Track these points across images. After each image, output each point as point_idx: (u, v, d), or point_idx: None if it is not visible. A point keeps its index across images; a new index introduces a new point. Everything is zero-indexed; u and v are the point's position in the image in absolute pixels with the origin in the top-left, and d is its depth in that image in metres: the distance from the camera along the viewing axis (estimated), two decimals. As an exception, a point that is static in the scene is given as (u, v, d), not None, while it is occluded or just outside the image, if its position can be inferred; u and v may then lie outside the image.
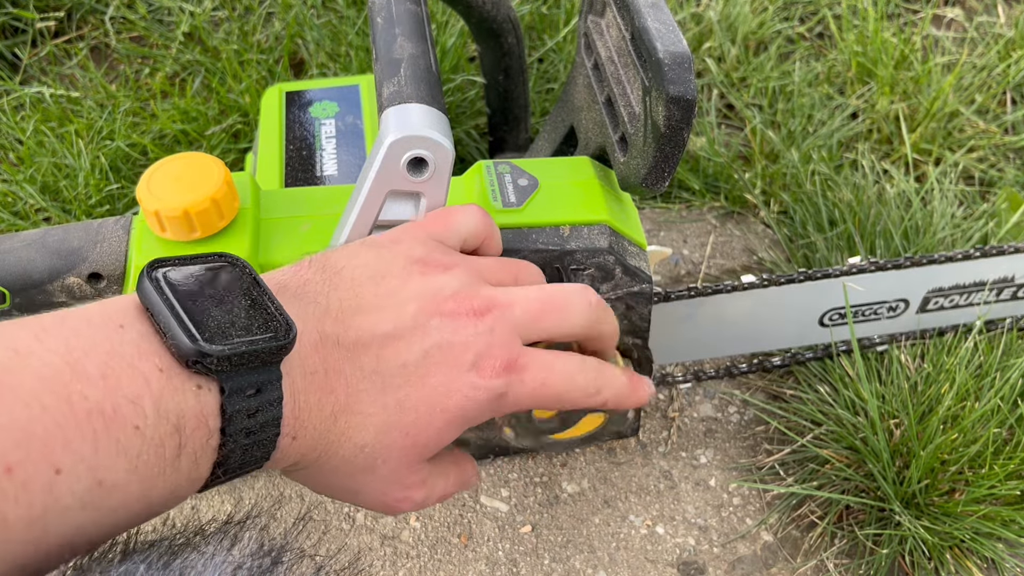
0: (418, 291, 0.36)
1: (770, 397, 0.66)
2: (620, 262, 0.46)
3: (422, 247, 0.38)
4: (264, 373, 0.29)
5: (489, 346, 0.36)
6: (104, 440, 0.25)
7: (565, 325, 0.39)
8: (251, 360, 0.29)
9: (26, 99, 0.82)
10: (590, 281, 0.47)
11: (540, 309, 0.38)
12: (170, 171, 0.42)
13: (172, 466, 0.27)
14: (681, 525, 0.59)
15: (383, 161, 0.38)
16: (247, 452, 0.30)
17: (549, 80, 0.85)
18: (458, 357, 0.35)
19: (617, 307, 0.49)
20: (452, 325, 0.35)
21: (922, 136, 0.82)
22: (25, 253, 0.44)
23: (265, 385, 0.29)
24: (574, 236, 0.46)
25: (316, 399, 0.32)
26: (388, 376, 0.34)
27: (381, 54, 0.42)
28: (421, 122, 0.38)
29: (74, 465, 0.24)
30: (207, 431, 0.28)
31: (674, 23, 0.42)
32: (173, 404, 0.27)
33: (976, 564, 0.55)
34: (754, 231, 0.78)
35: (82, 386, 0.25)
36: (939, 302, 0.62)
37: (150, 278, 0.29)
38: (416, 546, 0.58)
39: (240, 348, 0.28)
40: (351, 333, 0.34)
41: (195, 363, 0.28)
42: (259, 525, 0.31)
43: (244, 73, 0.81)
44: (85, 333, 0.27)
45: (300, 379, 0.31)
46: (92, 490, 0.25)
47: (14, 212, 0.74)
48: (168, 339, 0.28)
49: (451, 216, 0.40)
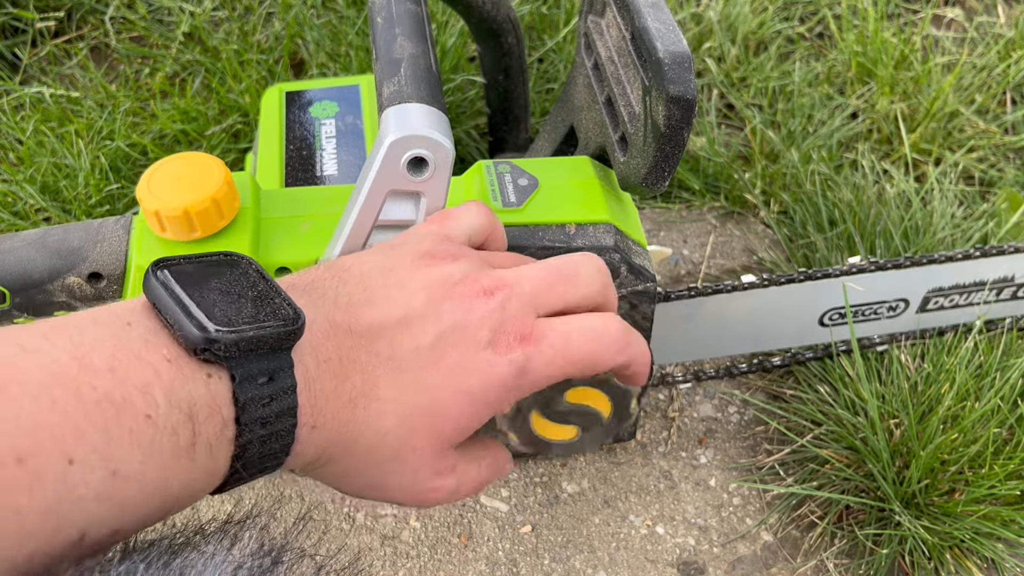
0: (427, 280, 0.36)
1: (770, 397, 0.66)
2: (625, 260, 0.46)
3: (428, 242, 0.38)
4: (275, 360, 0.29)
5: (502, 321, 0.36)
6: (116, 429, 0.25)
7: (577, 292, 0.39)
8: (260, 346, 0.29)
9: (26, 99, 0.82)
10: None
11: (550, 280, 0.38)
12: (170, 171, 0.42)
13: (187, 456, 0.27)
14: (681, 525, 0.59)
15: (383, 161, 0.38)
16: (265, 443, 0.30)
17: (549, 80, 0.85)
18: (473, 336, 0.35)
19: (621, 305, 0.49)
20: (464, 307, 0.35)
21: (922, 136, 0.82)
22: (25, 253, 0.44)
23: (277, 372, 0.29)
24: (580, 234, 0.46)
25: (332, 386, 0.32)
26: (404, 360, 0.34)
27: (381, 54, 0.42)
28: (421, 122, 0.38)
29: (87, 455, 0.24)
30: (221, 420, 0.28)
31: (674, 23, 0.42)
32: (184, 392, 0.27)
33: (976, 564, 0.55)
34: (754, 231, 0.78)
35: (90, 378, 0.25)
36: (939, 302, 0.62)
37: (155, 275, 0.29)
38: (416, 546, 0.58)
39: (248, 333, 0.28)
40: (363, 321, 0.34)
41: (204, 351, 0.28)
42: (259, 525, 0.31)
43: (244, 73, 0.81)
44: (91, 331, 0.27)
45: (313, 367, 0.31)
46: (106, 480, 0.25)
47: (14, 212, 0.75)
48: (176, 330, 0.28)
49: (455, 214, 0.41)
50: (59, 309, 0.46)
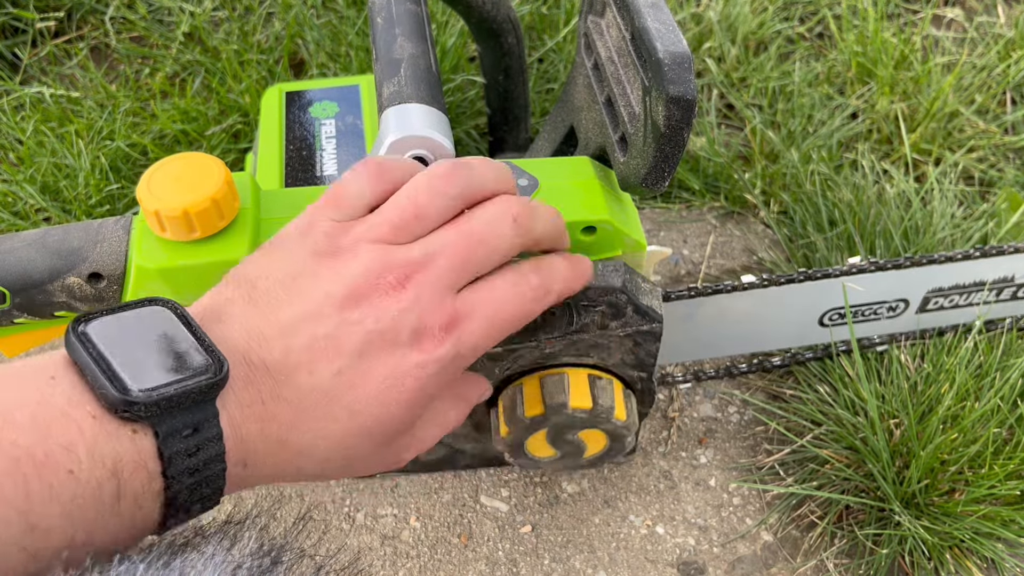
0: (331, 287, 0.34)
1: (770, 397, 0.66)
2: (632, 302, 0.46)
3: (324, 237, 0.36)
4: (199, 411, 0.29)
5: (421, 315, 0.34)
6: (36, 484, 0.25)
7: (497, 254, 0.37)
8: (183, 401, 0.29)
9: (26, 99, 0.82)
10: (600, 318, 0.47)
11: (464, 250, 0.36)
12: (170, 171, 0.42)
13: (112, 510, 0.27)
14: (681, 525, 0.59)
15: (383, 161, 0.38)
16: (195, 490, 0.30)
17: (549, 80, 0.85)
18: (393, 340, 0.33)
19: (625, 342, 0.49)
20: (375, 311, 0.34)
21: (922, 136, 0.82)
22: (25, 253, 0.44)
23: (202, 424, 0.29)
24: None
25: (258, 428, 0.31)
26: (328, 388, 0.33)
27: (381, 54, 0.42)
28: (421, 122, 0.38)
29: (5, 511, 0.25)
30: (147, 474, 0.28)
31: (674, 23, 0.42)
32: (109, 449, 0.27)
33: (976, 564, 0.55)
34: (754, 231, 0.78)
35: (13, 434, 0.25)
36: (939, 302, 0.62)
37: (75, 332, 0.29)
38: (416, 546, 0.58)
39: (168, 392, 0.28)
40: (276, 354, 0.32)
41: (124, 412, 0.28)
42: (259, 525, 0.31)
43: (244, 73, 0.81)
44: (15, 385, 0.27)
45: (237, 412, 0.31)
46: (26, 534, 0.25)
47: (14, 212, 0.75)
48: (97, 390, 0.28)
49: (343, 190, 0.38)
50: (59, 309, 0.46)
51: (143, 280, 0.43)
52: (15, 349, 0.49)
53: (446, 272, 0.35)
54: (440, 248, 0.35)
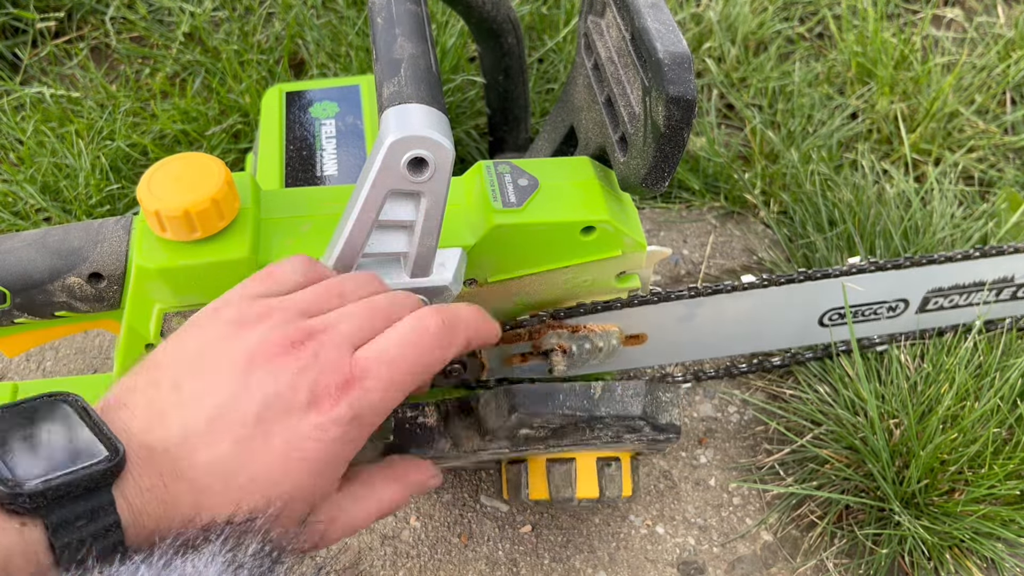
0: (235, 354, 0.34)
1: (770, 397, 0.66)
2: (650, 423, 0.46)
3: (236, 309, 0.36)
4: (94, 499, 0.29)
5: (317, 376, 0.34)
6: None
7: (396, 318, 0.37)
8: (74, 490, 0.28)
9: (26, 99, 0.82)
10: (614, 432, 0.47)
11: (367, 316, 0.36)
12: (170, 171, 0.42)
13: None
14: (681, 525, 0.59)
15: (383, 161, 0.38)
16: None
17: (549, 80, 0.85)
18: (290, 402, 0.33)
19: (637, 446, 0.49)
20: (272, 373, 0.33)
21: (922, 136, 0.82)
22: (26, 253, 0.44)
23: (97, 512, 0.29)
24: (605, 399, 0.45)
25: (161, 511, 0.31)
26: (230, 462, 0.32)
27: (381, 54, 0.42)
28: (421, 122, 0.38)
29: None
30: (38, 566, 0.28)
31: (674, 23, 0.42)
32: None
33: (976, 564, 0.55)
34: (754, 231, 0.78)
35: None
36: (939, 302, 0.62)
37: None
38: (416, 546, 0.58)
39: (55, 482, 0.28)
40: (174, 432, 0.32)
41: (9, 504, 0.27)
42: (260, 526, 0.31)
43: (244, 73, 0.81)
44: None
45: (136, 497, 0.30)
46: None
47: (14, 212, 0.75)
48: None
49: (273, 270, 0.39)
50: (60, 309, 0.46)
51: (143, 280, 0.43)
52: (15, 349, 0.49)
53: (348, 332, 0.36)
54: (342, 316, 0.36)
